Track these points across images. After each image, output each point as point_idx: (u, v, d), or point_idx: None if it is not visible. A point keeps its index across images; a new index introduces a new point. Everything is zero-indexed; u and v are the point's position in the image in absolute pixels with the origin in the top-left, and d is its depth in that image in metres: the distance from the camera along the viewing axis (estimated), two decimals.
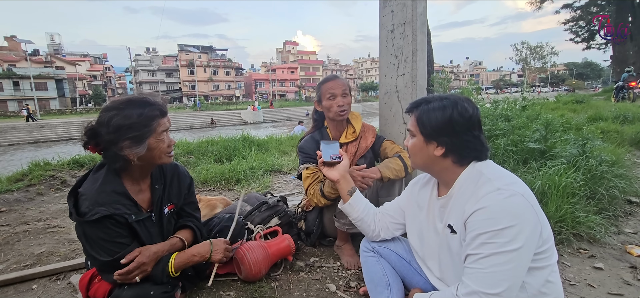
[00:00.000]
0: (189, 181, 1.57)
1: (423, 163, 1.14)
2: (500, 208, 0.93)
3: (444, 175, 1.12)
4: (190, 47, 64.27)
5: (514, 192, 0.94)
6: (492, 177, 1.01)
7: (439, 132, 1.06)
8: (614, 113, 6.57)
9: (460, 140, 1.05)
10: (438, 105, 1.08)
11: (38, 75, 41.45)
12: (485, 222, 0.93)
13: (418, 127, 1.11)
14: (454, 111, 1.05)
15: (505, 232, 0.90)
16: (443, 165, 1.10)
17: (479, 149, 1.07)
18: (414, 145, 1.14)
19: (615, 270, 1.85)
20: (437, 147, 1.08)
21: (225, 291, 1.68)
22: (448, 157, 1.08)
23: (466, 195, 1.04)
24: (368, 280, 1.41)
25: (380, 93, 2.34)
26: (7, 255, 2.21)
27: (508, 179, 1.01)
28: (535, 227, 0.94)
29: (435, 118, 1.07)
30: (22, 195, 3.40)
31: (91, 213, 1.19)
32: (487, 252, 0.92)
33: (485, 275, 0.92)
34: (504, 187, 0.96)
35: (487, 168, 1.05)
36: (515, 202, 0.93)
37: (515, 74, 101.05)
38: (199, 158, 5.08)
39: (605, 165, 2.66)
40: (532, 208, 0.95)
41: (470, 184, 1.05)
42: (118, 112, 1.24)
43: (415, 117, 1.12)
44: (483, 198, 0.96)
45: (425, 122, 1.08)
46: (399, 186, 1.94)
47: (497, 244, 0.91)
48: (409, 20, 2.03)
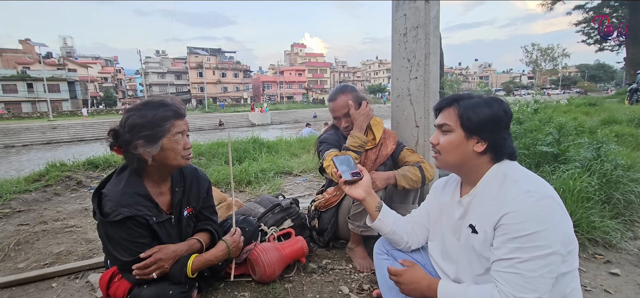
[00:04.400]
0: (208, 185, 1.59)
1: (458, 160, 1.10)
2: (532, 212, 0.92)
3: (473, 173, 1.10)
4: (199, 50, 64.98)
5: (544, 194, 0.93)
6: (518, 179, 0.99)
7: (484, 127, 1.05)
8: (629, 116, 6.45)
9: (501, 137, 1.05)
10: (481, 101, 1.07)
11: (51, 77, 42.33)
12: (517, 226, 0.92)
13: (460, 121, 1.07)
14: (500, 107, 1.05)
15: (538, 235, 0.90)
16: (478, 162, 1.08)
17: (514, 147, 1.08)
18: (450, 141, 1.09)
19: (632, 276, 1.82)
20: (478, 143, 1.06)
21: (239, 292, 1.70)
22: (487, 154, 1.06)
23: (490, 195, 1.03)
24: (381, 283, 1.41)
25: (392, 96, 2.34)
26: (27, 253, 2.27)
27: (535, 181, 0.99)
28: (566, 229, 0.94)
29: (483, 113, 1.05)
30: (39, 195, 3.48)
31: (114, 214, 1.22)
32: (523, 256, 0.91)
33: (522, 281, 0.91)
34: (534, 189, 0.95)
35: (511, 170, 1.04)
36: (546, 205, 0.92)
37: (526, 76, 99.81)
38: (209, 160, 5.15)
39: (620, 169, 2.62)
40: (562, 209, 0.95)
41: (495, 185, 1.03)
42: (135, 112, 1.28)
43: (456, 112, 1.08)
44: (513, 201, 0.95)
45: (471, 116, 1.05)
46: (413, 194, 1.94)
47: (532, 248, 0.91)
48: (422, 23, 2.04)
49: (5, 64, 44.96)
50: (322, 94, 68.56)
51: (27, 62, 45.65)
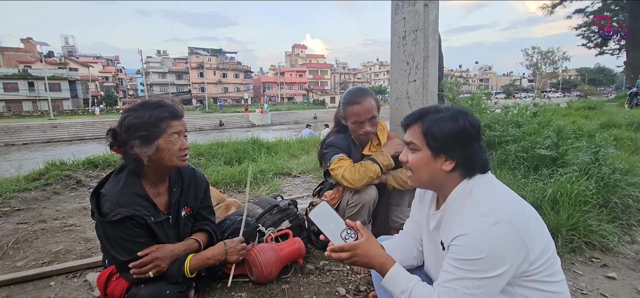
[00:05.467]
0: (206, 185, 1.60)
1: (429, 180, 1.05)
2: (481, 237, 0.89)
3: (444, 189, 1.05)
4: (200, 50, 65.10)
5: (498, 219, 0.89)
6: (479, 199, 0.95)
7: (451, 145, 0.99)
8: (628, 120, 6.46)
9: (471, 151, 0.99)
10: (447, 115, 1.00)
11: (52, 76, 42.41)
12: (463, 249, 0.91)
13: (425, 139, 1.01)
14: (465, 121, 0.99)
15: (481, 261, 0.88)
16: (449, 179, 1.03)
17: (485, 159, 1.02)
18: (418, 160, 1.04)
19: (629, 280, 1.83)
20: (446, 161, 1.00)
21: (237, 292, 1.71)
22: (456, 171, 1.01)
23: (454, 213, 1.00)
24: (377, 284, 1.41)
25: (391, 99, 2.35)
26: (25, 252, 2.28)
27: (495, 202, 0.94)
28: (518, 255, 0.90)
29: (448, 129, 0.98)
30: (39, 194, 3.49)
31: (113, 214, 1.23)
32: (461, 275, 0.91)
33: (456, 296, 0.91)
34: (489, 213, 0.90)
35: (477, 187, 0.99)
36: (498, 231, 0.88)
37: (526, 79, 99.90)
38: (209, 160, 5.15)
39: (618, 173, 2.62)
40: (518, 234, 0.89)
41: (459, 202, 1.00)
42: (132, 113, 1.29)
43: (420, 129, 1.03)
44: (466, 223, 0.92)
45: (436, 133, 0.99)
46: (409, 196, 1.97)
47: (472, 271, 0.89)
48: (421, 27, 2.05)
49: (7, 63, 45.09)
50: (322, 95, 68.62)
51: (28, 60, 45.75)
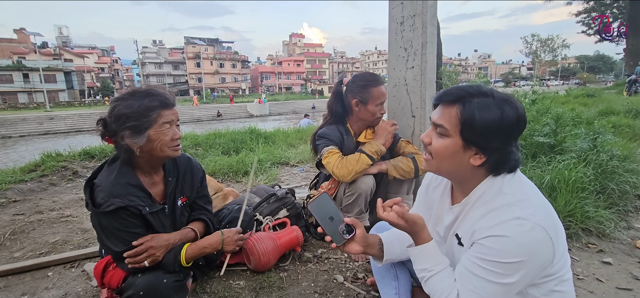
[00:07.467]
0: (202, 175, 1.58)
1: (450, 170, 0.95)
2: (518, 242, 0.82)
3: (466, 183, 0.96)
4: (196, 40, 64.37)
5: (535, 224, 0.82)
6: (512, 201, 0.87)
7: (488, 138, 0.86)
8: (626, 107, 6.48)
9: (507, 151, 0.88)
10: (493, 102, 0.86)
11: (47, 67, 42.01)
12: (498, 253, 0.84)
13: (460, 127, 0.88)
14: (513, 113, 0.85)
15: (513, 265, 0.83)
16: (474, 174, 0.93)
17: (517, 159, 0.92)
18: (445, 147, 0.91)
19: (624, 265, 1.84)
20: (476, 155, 0.89)
21: (234, 280, 1.71)
22: (483, 167, 0.91)
23: (480, 210, 0.92)
24: (375, 271, 1.41)
25: (388, 86, 2.33)
26: (23, 243, 2.27)
27: (531, 205, 0.86)
28: (546, 260, 0.86)
29: (491, 120, 0.85)
30: (35, 185, 3.47)
31: (106, 205, 1.21)
32: (484, 275, 0.86)
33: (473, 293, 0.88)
34: (526, 217, 0.83)
35: (508, 186, 0.90)
36: (534, 237, 0.82)
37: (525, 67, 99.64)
38: (206, 150, 5.13)
39: (616, 159, 2.63)
40: (550, 241, 0.83)
41: (488, 200, 0.91)
42: (121, 102, 1.26)
43: (458, 114, 0.89)
44: (501, 225, 0.84)
45: (476, 124, 0.86)
46: (407, 185, 1.98)
47: (496, 274, 0.84)
48: (419, 12, 2.02)
49: (0, 54, 44.49)
50: (320, 84, 68.24)
51: (22, 51, 45.19)
